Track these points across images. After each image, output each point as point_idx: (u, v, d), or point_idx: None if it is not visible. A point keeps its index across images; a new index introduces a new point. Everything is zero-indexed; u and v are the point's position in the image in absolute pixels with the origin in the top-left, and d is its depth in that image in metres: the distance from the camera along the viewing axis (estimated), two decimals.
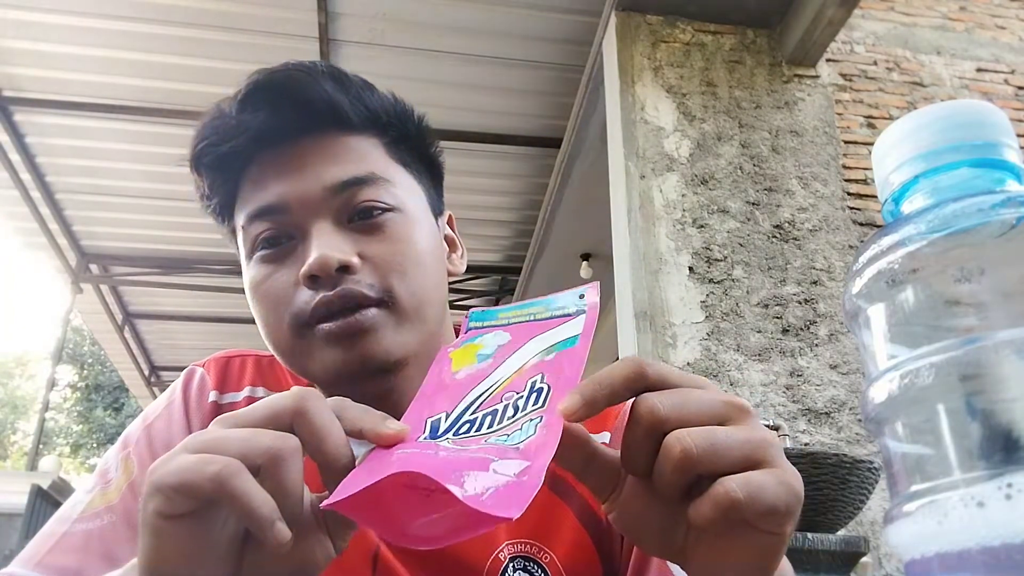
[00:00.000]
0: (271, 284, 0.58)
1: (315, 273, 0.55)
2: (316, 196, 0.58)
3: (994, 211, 0.29)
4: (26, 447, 16.21)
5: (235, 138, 0.59)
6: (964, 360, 0.27)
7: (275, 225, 0.59)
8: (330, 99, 0.60)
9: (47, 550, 0.56)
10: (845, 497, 1.62)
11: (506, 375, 0.40)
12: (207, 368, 0.69)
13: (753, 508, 0.34)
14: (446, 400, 0.40)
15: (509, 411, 0.38)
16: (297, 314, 0.57)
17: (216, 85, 3.66)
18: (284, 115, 0.59)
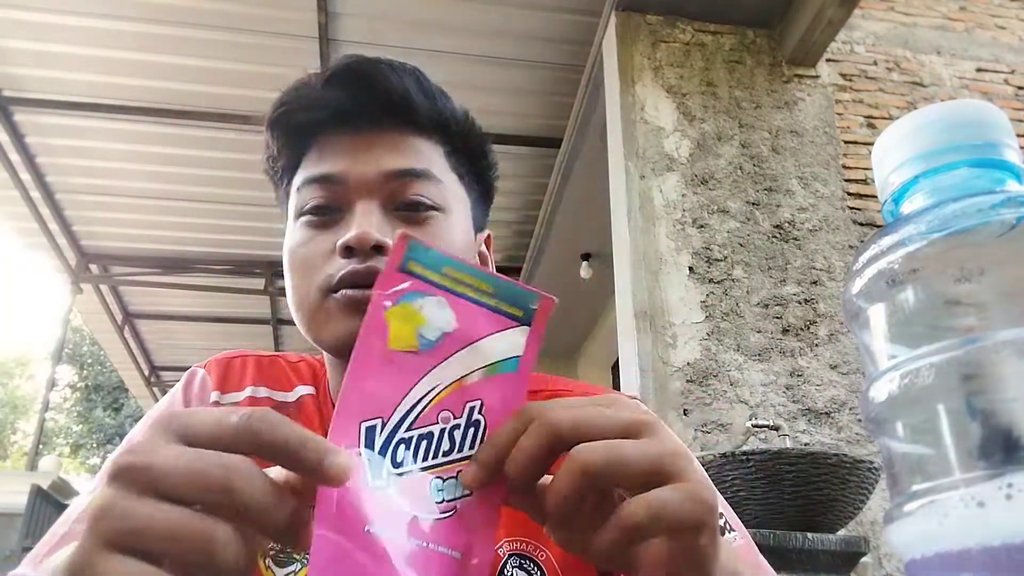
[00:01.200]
0: (309, 248, 0.62)
1: (352, 245, 0.59)
2: (371, 177, 0.62)
3: (994, 211, 0.29)
4: (26, 447, 16.21)
5: (314, 110, 0.64)
6: (964, 360, 0.27)
7: (327, 194, 0.62)
8: (408, 96, 0.64)
9: (47, 550, 0.58)
10: (845, 497, 1.62)
11: (445, 383, 0.38)
12: (208, 369, 0.70)
13: (658, 527, 0.34)
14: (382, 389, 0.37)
15: (445, 443, 0.38)
16: (326, 279, 0.60)
17: (216, 85, 3.66)
18: (363, 100, 0.63)
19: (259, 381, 0.69)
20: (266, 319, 6.10)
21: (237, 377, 0.69)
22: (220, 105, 3.78)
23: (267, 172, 0.71)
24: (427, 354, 0.38)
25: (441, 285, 0.39)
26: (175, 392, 0.69)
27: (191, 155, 4.09)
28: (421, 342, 0.38)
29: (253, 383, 0.69)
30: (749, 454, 1.65)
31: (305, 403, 0.68)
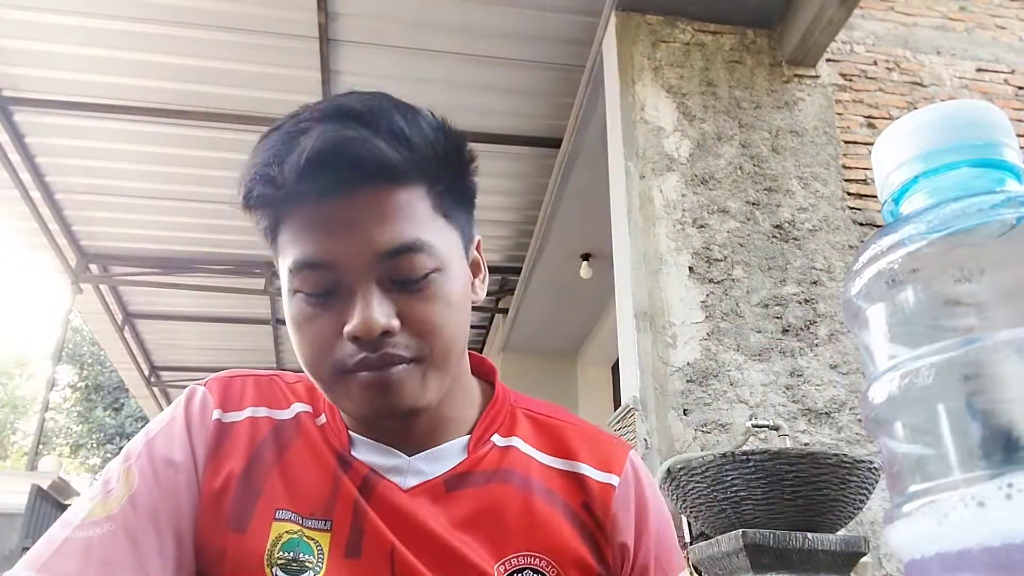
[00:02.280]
0: (315, 329, 0.62)
1: (358, 335, 0.60)
2: (365, 259, 0.61)
3: (994, 211, 0.29)
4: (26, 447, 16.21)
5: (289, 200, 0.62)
6: (964, 360, 0.27)
7: (320, 279, 0.62)
8: (384, 159, 0.61)
9: (49, 555, 0.58)
10: (845, 497, 1.62)
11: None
12: (209, 387, 0.71)
13: None
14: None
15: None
16: (339, 363, 0.61)
17: (216, 85, 3.66)
18: (339, 177, 0.61)
19: (259, 401, 0.70)
20: (266, 319, 6.10)
21: (238, 397, 0.70)
22: (220, 105, 3.78)
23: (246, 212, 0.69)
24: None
25: None
26: (175, 409, 0.69)
27: (191, 155, 4.09)
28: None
29: (253, 403, 0.70)
30: (749, 454, 1.65)
31: (301, 419, 0.70)
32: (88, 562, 0.57)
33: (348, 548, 0.62)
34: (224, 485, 0.64)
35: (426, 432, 0.68)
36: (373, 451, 0.67)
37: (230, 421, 0.68)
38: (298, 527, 0.63)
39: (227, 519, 0.63)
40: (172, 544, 0.61)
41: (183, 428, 0.67)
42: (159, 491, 0.63)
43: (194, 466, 0.65)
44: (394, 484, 0.65)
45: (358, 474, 0.66)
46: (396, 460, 0.67)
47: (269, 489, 0.65)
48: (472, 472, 0.68)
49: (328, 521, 0.63)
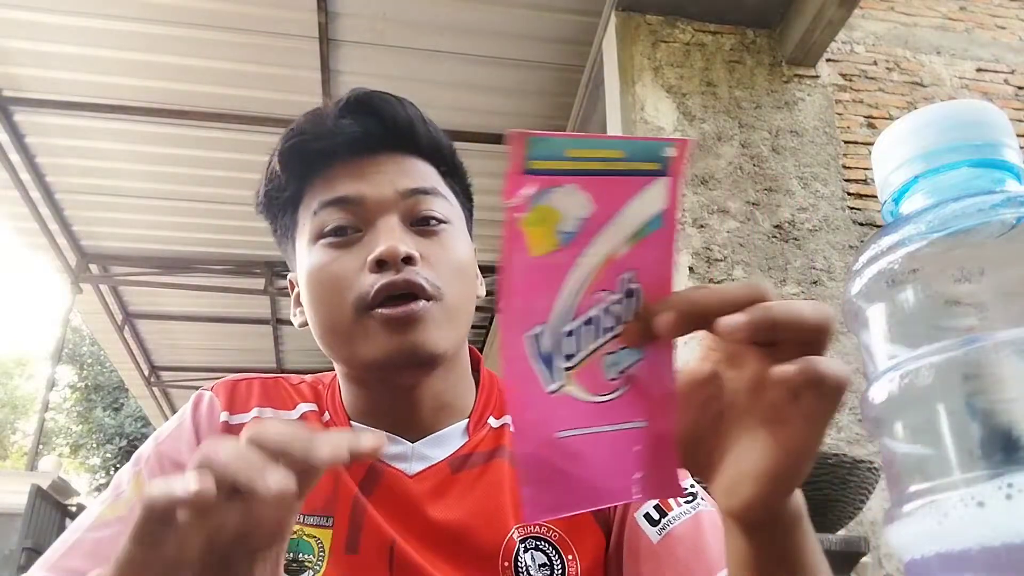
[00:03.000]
0: (336, 267, 0.65)
1: (384, 258, 0.62)
2: (388, 196, 0.66)
3: (994, 211, 0.29)
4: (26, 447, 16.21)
5: (329, 138, 0.68)
6: (964, 360, 0.27)
7: (346, 215, 0.66)
8: (412, 124, 0.70)
9: (60, 555, 0.60)
10: (845, 497, 1.62)
11: (594, 265, 0.38)
12: (215, 391, 0.73)
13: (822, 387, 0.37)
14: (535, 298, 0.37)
15: (607, 320, 0.38)
16: (361, 295, 0.63)
17: (216, 85, 3.66)
18: (373, 127, 0.68)
19: (264, 403, 0.72)
20: (266, 319, 6.10)
21: (243, 399, 0.72)
22: (220, 105, 3.78)
23: (264, 204, 0.73)
24: (570, 246, 0.37)
25: (569, 171, 0.37)
26: (184, 413, 0.71)
27: (191, 155, 4.09)
28: (561, 238, 0.37)
29: (259, 404, 0.72)
30: None
31: (307, 418, 0.71)
32: (97, 561, 0.58)
33: (348, 544, 0.63)
34: None
35: (429, 417, 0.69)
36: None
37: (237, 422, 0.69)
38: (298, 526, 0.64)
39: None
40: None
41: (191, 431, 0.68)
42: None
43: None
44: (400, 471, 0.66)
45: (361, 466, 0.66)
46: (400, 447, 0.67)
47: None
48: (474, 453, 0.69)
49: (330, 518, 0.64)
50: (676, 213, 0.39)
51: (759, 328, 0.37)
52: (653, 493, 0.40)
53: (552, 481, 0.37)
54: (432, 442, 0.68)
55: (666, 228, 0.39)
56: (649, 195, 0.38)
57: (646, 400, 0.39)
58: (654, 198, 0.38)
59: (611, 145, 0.38)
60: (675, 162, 0.38)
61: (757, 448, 0.40)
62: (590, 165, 0.37)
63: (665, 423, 0.39)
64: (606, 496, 0.39)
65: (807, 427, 0.39)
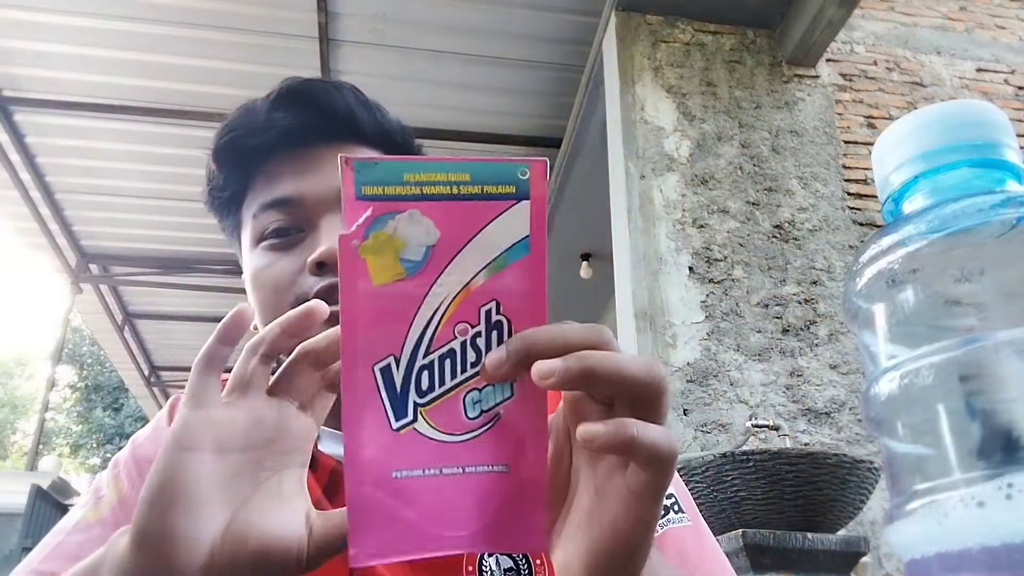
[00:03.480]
0: (276, 269, 0.63)
1: (324, 260, 0.59)
2: (329, 194, 0.63)
3: (994, 211, 0.29)
4: (26, 447, 16.21)
5: (262, 133, 0.65)
6: (964, 360, 0.27)
7: (286, 216, 0.64)
8: (352, 111, 0.66)
9: (42, 558, 0.60)
10: (845, 497, 1.62)
11: (449, 296, 0.35)
12: None
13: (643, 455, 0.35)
14: (383, 329, 0.35)
15: (470, 354, 0.36)
16: (301, 296, 0.61)
17: (216, 85, 3.66)
18: (309, 119, 0.65)
19: None
20: None
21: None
22: (220, 105, 3.78)
23: (209, 204, 0.71)
24: (418, 276, 0.35)
25: (407, 196, 0.34)
26: (160, 418, 0.71)
27: (191, 155, 4.09)
28: (407, 266, 0.35)
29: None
30: (749, 454, 1.65)
31: None
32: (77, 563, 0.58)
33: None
34: None
35: None
36: (336, 442, 0.67)
37: None
38: None
39: None
40: None
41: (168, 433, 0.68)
42: None
43: None
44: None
45: (324, 469, 0.65)
46: None
47: None
48: None
49: None
50: (543, 239, 0.36)
51: (572, 377, 0.34)
52: (505, 544, 0.37)
53: (383, 524, 0.34)
54: None
55: (533, 255, 0.36)
56: (507, 221, 0.35)
57: (511, 442, 0.36)
58: (513, 224, 0.35)
59: (454, 168, 0.35)
60: (534, 184, 0.35)
61: (583, 524, 0.37)
62: (433, 190, 0.35)
63: (531, 469, 0.36)
64: (442, 544, 0.35)
65: (628, 504, 0.35)
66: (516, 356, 0.35)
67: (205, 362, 0.39)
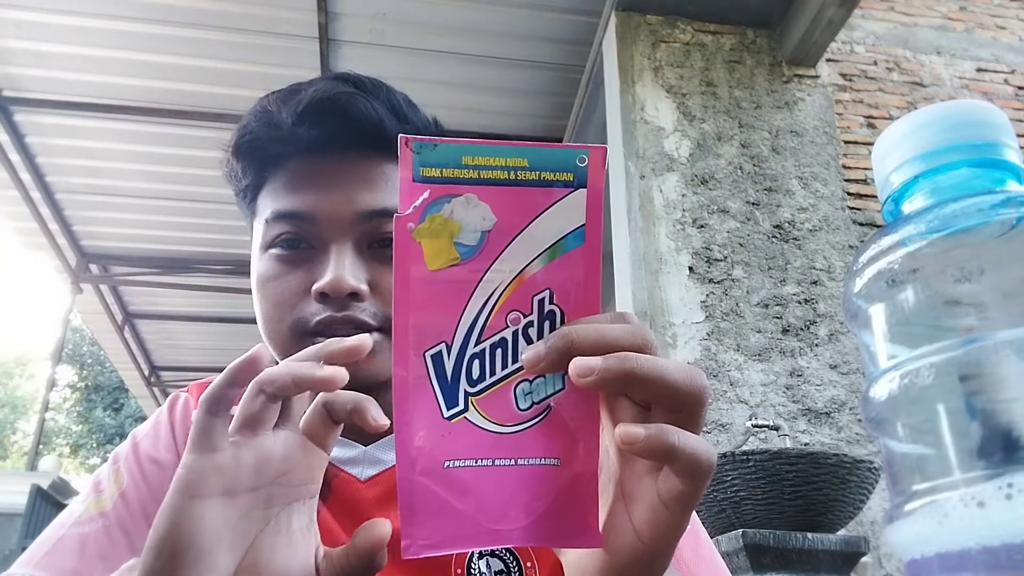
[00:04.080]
0: (281, 285, 0.62)
1: (327, 292, 0.58)
2: (344, 217, 0.61)
3: (994, 211, 0.29)
4: (26, 447, 16.21)
5: (284, 145, 0.63)
6: (964, 360, 0.27)
7: (298, 230, 0.62)
8: (380, 124, 0.63)
9: (45, 552, 0.59)
10: (845, 497, 1.62)
11: (502, 284, 0.35)
12: (191, 392, 0.73)
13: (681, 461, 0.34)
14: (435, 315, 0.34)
15: (522, 343, 0.35)
16: (300, 321, 0.60)
17: (216, 85, 3.66)
18: (335, 132, 0.62)
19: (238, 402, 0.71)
20: None
21: None
22: (220, 105, 3.78)
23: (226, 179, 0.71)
24: (473, 261, 0.34)
25: (465, 179, 0.34)
26: (160, 414, 0.71)
27: (191, 155, 4.09)
28: (462, 251, 0.34)
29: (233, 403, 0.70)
30: (749, 454, 1.65)
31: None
32: (85, 557, 0.58)
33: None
34: None
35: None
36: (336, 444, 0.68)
37: None
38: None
39: None
40: None
41: (168, 430, 0.68)
42: (147, 489, 0.64)
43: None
44: (352, 476, 0.65)
45: None
46: (353, 451, 0.66)
47: None
48: None
49: None
50: (599, 229, 0.35)
51: (611, 378, 0.33)
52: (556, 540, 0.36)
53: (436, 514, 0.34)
54: (385, 445, 0.66)
55: (588, 246, 0.35)
56: (563, 209, 0.35)
57: (563, 436, 0.35)
58: (570, 212, 0.35)
59: (513, 153, 0.34)
60: (592, 173, 0.35)
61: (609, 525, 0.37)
62: (491, 174, 0.34)
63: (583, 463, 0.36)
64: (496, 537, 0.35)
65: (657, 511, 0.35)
66: (555, 353, 0.34)
67: (212, 403, 0.37)
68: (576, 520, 0.36)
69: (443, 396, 0.34)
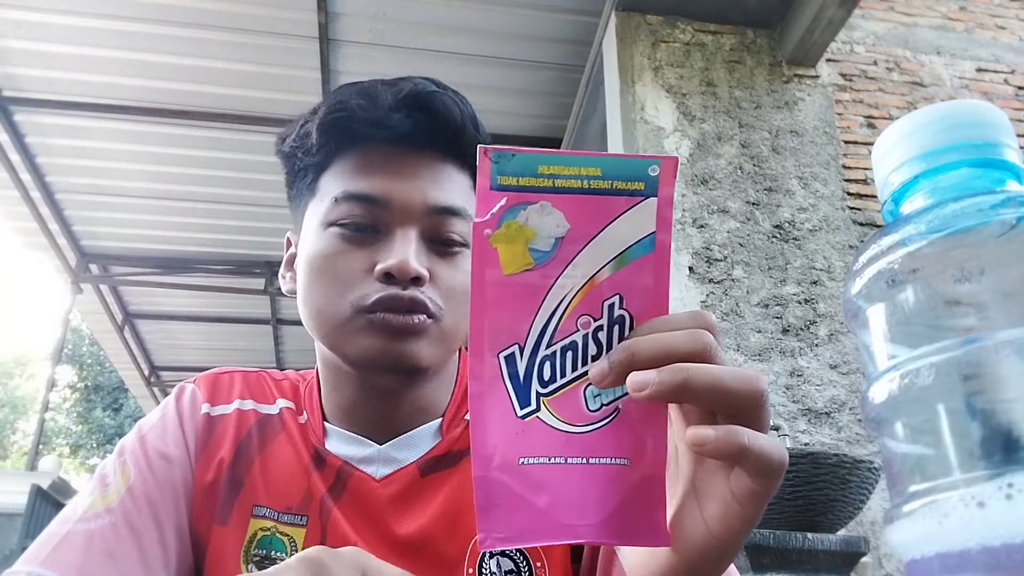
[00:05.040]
0: (343, 262, 0.63)
1: (392, 272, 0.60)
2: (415, 206, 0.63)
3: (994, 211, 0.29)
4: (26, 447, 16.21)
5: (377, 128, 0.64)
6: (964, 360, 0.27)
7: (367, 213, 0.63)
8: (461, 129, 0.66)
9: (51, 549, 0.58)
10: (845, 497, 1.62)
11: (574, 288, 0.36)
12: (198, 384, 0.72)
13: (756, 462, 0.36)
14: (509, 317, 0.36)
15: (591, 346, 0.36)
16: (361, 298, 0.61)
17: (216, 85, 3.66)
18: (424, 125, 0.64)
19: (246, 395, 0.71)
20: (266, 319, 6.10)
21: (225, 391, 0.71)
22: (220, 105, 3.78)
23: (286, 156, 0.69)
24: (546, 266, 0.36)
25: (540, 188, 0.36)
26: (167, 405, 0.70)
27: (191, 155, 4.09)
28: (536, 256, 0.36)
29: (240, 396, 0.71)
30: None
31: (284, 416, 0.70)
32: (91, 554, 0.57)
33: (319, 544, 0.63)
34: (215, 477, 0.65)
35: (402, 419, 0.67)
36: (346, 442, 0.67)
37: (218, 414, 0.69)
38: (272, 523, 0.63)
39: (213, 510, 0.64)
40: (171, 534, 0.62)
41: (175, 423, 0.68)
42: (155, 483, 0.63)
43: (188, 460, 0.66)
44: (367, 475, 0.65)
45: (331, 469, 0.66)
46: (368, 450, 0.66)
47: (249, 483, 0.65)
48: (447, 453, 0.67)
49: (305, 517, 0.64)
50: (668, 238, 0.37)
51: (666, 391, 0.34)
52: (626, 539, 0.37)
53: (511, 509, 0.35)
54: (401, 444, 0.67)
55: (657, 253, 0.36)
56: (634, 217, 0.36)
57: (631, 437, 0.37)
58: (640, 220, 0.36)
59: (587, 162, 0.36)
60: (663, 183, 0.36)
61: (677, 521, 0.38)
62: (565, 183, 0.36)
63: (651, 465, 0.37)
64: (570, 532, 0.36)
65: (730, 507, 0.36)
66: (620, 367, 0.36)
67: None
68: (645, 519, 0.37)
69: (516, 396, 0.36)
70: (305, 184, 0.69)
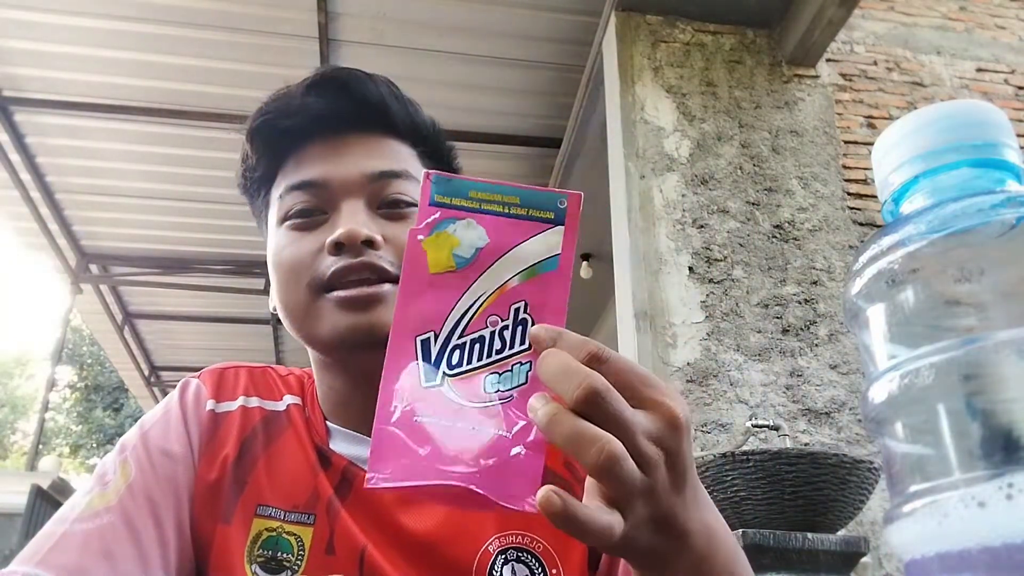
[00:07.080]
0: (295, 249, 0.64)
1: (342, 241, 0.61)
2: (354, 180, 0.65)
3: (994, 211, 0.29)
4: (26, 447, 16.21)
5: (295, 116, 0.67)
6: (964, 360, 0.27)
7: (311, 198, 0.66)
8: (384, 102, 0.68)
9: (48, 548, 0.57)
10: (845, 497, 1.62)
11: (487, 292, 0.42)
12: (202, 379, 0.71)
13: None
14: (430, 307, 0.42)
15: (496, 342, 0.41)
16: (316, 277, 0.63)
17: (216, 85, 3.66)
18: (342, 106, 0.67)
19: (251, 391, 0.71)
20: (266, 319, 6.10)
21: (231, 387, 0.71)
22: (220, 105, 3.78)
23: (242, 185, 0.73)
24: (465, 270, 0.42)
25: (468, 208, 0.43)
26: (170, 400, 0.69)
27: (191, 155, 4.09)
28: (457, 261, 0.42)
29: (245, 392, 0.70)
30: (749, 454, 1.65)
31: (292, 412, 0.69)
32: (87, 554, 0.56)
33: (327, 544, 0.62)
34: (219, 475, 0.64)
35: None
36: (350, 442, 0.67)
37: (223, 411, 0.68)
38: (278, 523, 0.62)
39: (217, 509, 0.63)
40: (172, 534, 0.61)
41: (179, 419, 0.67)
42: (156, 481, 0.62)
43: (191, 457, 0.65)
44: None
45: (336, 469, 0.65)
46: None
47: (253, 482, 0.64)
48: None
49: (312, 515, 0.63)
50: (570, 260, 0.42)
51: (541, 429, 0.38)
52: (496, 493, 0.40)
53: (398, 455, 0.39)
54: None
55: (560, 270, 0.43)
56: (543, 239, 0.43)
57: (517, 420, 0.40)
58: (548, 242, 0.43)
59: (509, 191, 0.43)
60: (569, 214, 0.43)
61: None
62: (489, 206, 0.43)
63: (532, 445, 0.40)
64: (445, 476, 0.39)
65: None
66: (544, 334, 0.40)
67: None
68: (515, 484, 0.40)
69: (424, 372, 0.41)
70: (261, 203, 0.71)
